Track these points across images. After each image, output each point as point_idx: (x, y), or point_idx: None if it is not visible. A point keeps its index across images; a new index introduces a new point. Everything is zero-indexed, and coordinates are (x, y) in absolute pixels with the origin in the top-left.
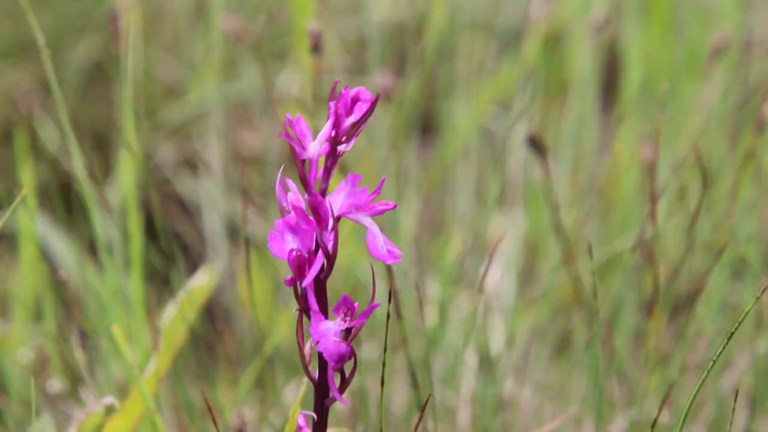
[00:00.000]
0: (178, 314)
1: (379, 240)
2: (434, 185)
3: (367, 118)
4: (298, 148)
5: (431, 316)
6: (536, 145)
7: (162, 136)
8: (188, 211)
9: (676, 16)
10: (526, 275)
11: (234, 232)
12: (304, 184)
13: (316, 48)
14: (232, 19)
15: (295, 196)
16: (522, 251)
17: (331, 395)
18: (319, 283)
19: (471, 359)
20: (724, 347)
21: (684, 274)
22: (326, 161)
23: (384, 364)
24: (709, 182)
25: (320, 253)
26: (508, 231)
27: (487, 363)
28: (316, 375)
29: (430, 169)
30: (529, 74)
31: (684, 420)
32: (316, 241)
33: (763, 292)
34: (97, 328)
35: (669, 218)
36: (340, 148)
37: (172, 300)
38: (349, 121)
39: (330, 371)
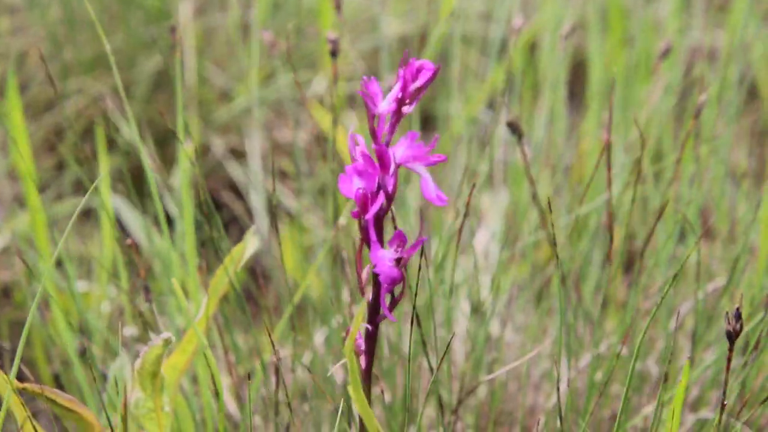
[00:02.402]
0: (222, 269)
1: (430, 185)
2: (434, 167)
3: (429, 84)
4: (370, 104)
5: (432, 272)
6: (514, 129)
7: (215, 131)
8: (237, 190)
9: (630, 27)
10: (510, 238)
11: (273, 207)
12: (373, 135)
13: (334, 53)
14: (269, 34)
15: (363, 146)
16: (506, 219)
17: (381, 312)
18: (379, 219)
19: (464, 307)
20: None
21: (638, 234)
22: (392, 118)
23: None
24: (657, 160)
25: (381, 193)
26: (494, 202)
27: (477, 309)
28: (370, 297)
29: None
30: (511, 76)
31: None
32: (379, 183)
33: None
34: (162, 286)
35: (625, 189)
36: (405, 108)
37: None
38: (414, 86)
39: (383, 292)
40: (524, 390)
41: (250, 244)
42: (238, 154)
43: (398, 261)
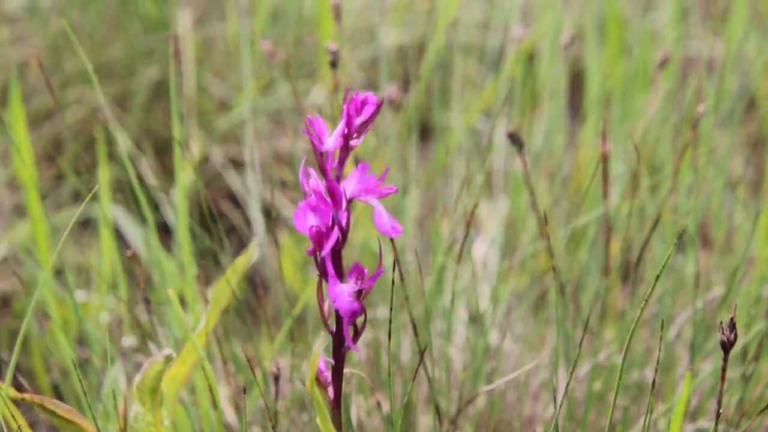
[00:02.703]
0: (224, 281)
1: (384, 217)
2: (433, 176)
3: (373, 118)
4: (317, 143)
5: (430, 281)
6: (515, 139)
7: (215, 140)
8: (236, 200)
9: (627, 37)
10: (509, 248)
11: (272, 216)
12: (323, 172)
13: (333, 63)
14: (268, 44)
15: (315, 182)
16: (505, 229)
17: (346, 344)
18: (335, 253)
19: (463, 316)
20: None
21: (635, 244)
22: (340, 153)
23: (390, 321)
24: (654, 170)
25: (336, 228)
26: (493, 212)
27: (476, 319)
28: (334, 328)
29: (430, 163)
30: (510, 86)
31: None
32: (333, 218)
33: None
34: (162, 296)
35: (623, 200)
36: (352, 142)
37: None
38: (359, 120)
39: (345, 325)
40: (523, 399)
41: (250, 255)
42: (238, 164)
43: (358, 294)
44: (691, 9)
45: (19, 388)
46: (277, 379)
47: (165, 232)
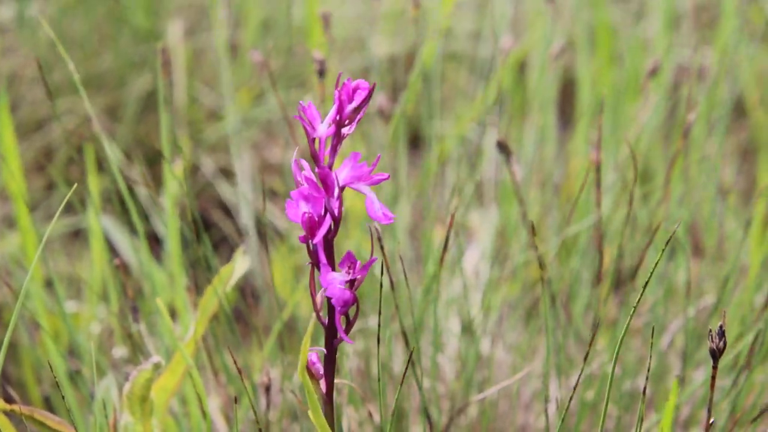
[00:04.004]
0: (211, 289)
1: (375, 204)
2: (424, 186)
3: (365, 104)
4: (309, 129)
5: (421, 291)
6: (503, 148)
7: (205, 150)
8: (227, 209)
9: (618, 46)
10: (500, 257)
11: (263, 226)
12: (315, 159)
13: (321, 72)
14: (258, 54)
15: (307, 171)
16: (496, 237)
17: (338, 336)
18: (328, 242)
19: (455, 326)
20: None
21: (627, 253)
22: (333, 140)
23: (380, 325)
24: (645, 178)
25: (328, 216)
26: (485, 221)
27: (468, 329)
28: (326, 320)
29: (421, 173)
30: (501, 96)
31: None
32: (325, 206)
33: None
34: (152, 306)
35: (615, 208)
36: (344, 130)
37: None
38: (350, 107)
39: (337, 315)
40: (515, 409)
41: (240, 264)
42: (228, 174)
43: (350, 283)
44: (682, 18)
45: (9, 399)
46: (268, 389)
47: (156, 242)
